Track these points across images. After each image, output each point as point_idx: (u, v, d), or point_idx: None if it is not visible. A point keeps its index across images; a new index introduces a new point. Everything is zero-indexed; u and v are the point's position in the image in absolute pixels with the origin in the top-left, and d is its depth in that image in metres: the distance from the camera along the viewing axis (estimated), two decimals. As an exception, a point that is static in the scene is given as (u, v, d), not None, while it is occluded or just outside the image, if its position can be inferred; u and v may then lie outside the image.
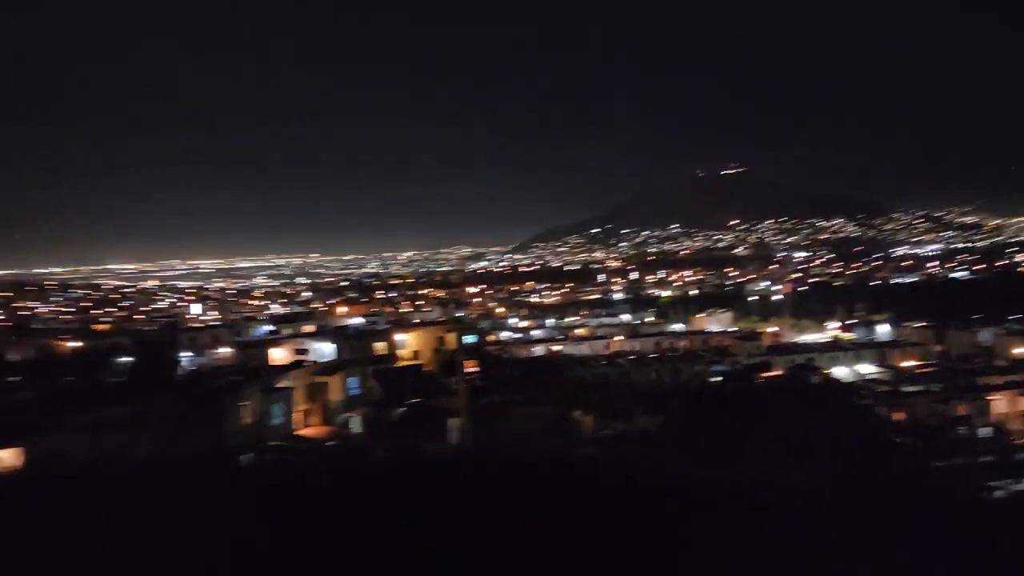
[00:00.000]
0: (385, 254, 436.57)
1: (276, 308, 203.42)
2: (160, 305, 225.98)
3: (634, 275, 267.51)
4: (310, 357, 48.35)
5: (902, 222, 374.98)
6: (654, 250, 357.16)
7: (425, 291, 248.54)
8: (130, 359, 57.29)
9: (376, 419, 35.88)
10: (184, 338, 63.64)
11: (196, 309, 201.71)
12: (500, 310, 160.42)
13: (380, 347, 50.71)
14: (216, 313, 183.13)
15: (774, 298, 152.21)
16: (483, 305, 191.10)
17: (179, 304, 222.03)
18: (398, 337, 52.34)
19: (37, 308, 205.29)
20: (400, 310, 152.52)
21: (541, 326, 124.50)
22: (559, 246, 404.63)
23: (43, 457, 20.77)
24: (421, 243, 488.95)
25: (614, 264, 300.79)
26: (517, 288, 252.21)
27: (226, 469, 21.70)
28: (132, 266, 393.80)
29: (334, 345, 50.36)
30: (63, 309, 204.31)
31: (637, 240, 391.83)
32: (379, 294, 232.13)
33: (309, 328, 67.58)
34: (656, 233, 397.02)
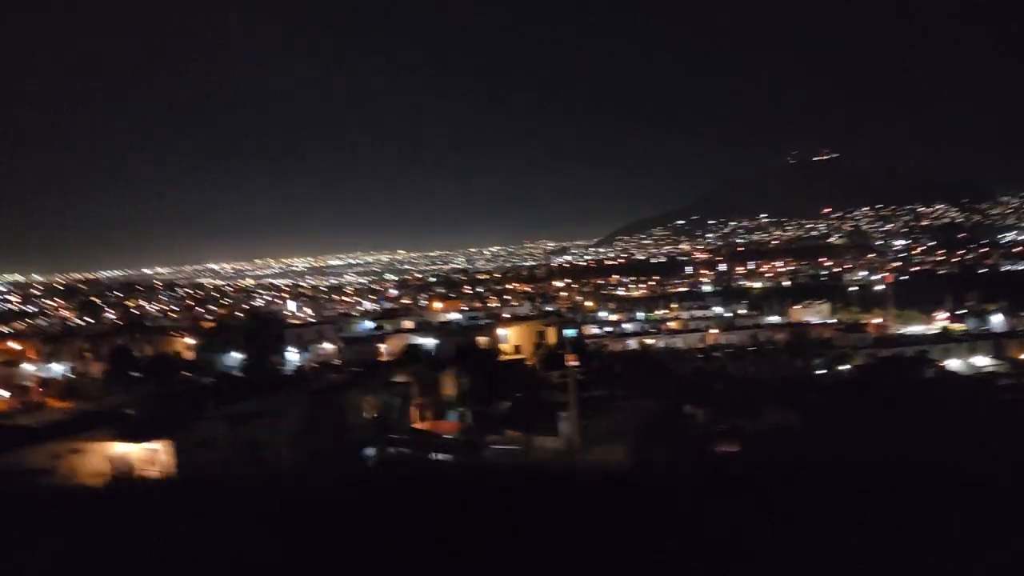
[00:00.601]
0: (470, 249, 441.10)
1: (367, 304, 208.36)
2: (257, 303, 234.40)
3: (723, 267, 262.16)
4: (415, 352, 49.36)
5: (1011, 206, 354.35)
6: (743, 241, 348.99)
7: (511, 286, 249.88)
8: (243, 355, 59.76)
9: (487, 413, 36.28)
10: (291, 334, 65.87)
11: (291, 306, 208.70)
12: (588, 304, 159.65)
13: (482, 342, 51.26)
14: (310, 310, 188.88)
15: (874, 288, 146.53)
16: (570, 299, 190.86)
17: (276, 301, 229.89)
18: (499, 332, 52.83)
19: (147, 307, 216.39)
20: (488, 305, 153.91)
21: (631, 319, 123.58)
22: (644, 238, 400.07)
23: (192, 448, 21.95)
24: (505, 238, 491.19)
25: (701, 256, 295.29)
26: (603, 281, 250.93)
27: (353, 462, 22.33)
28: (230, 265, 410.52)
29: (437, 340, 51.22)
30: (170, 308, 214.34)
31: (724, 231, 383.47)
32: (466, 289, 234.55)
33: (408, 323, 69.05)
34: (744, 223, 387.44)
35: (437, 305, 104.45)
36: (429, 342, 50.97)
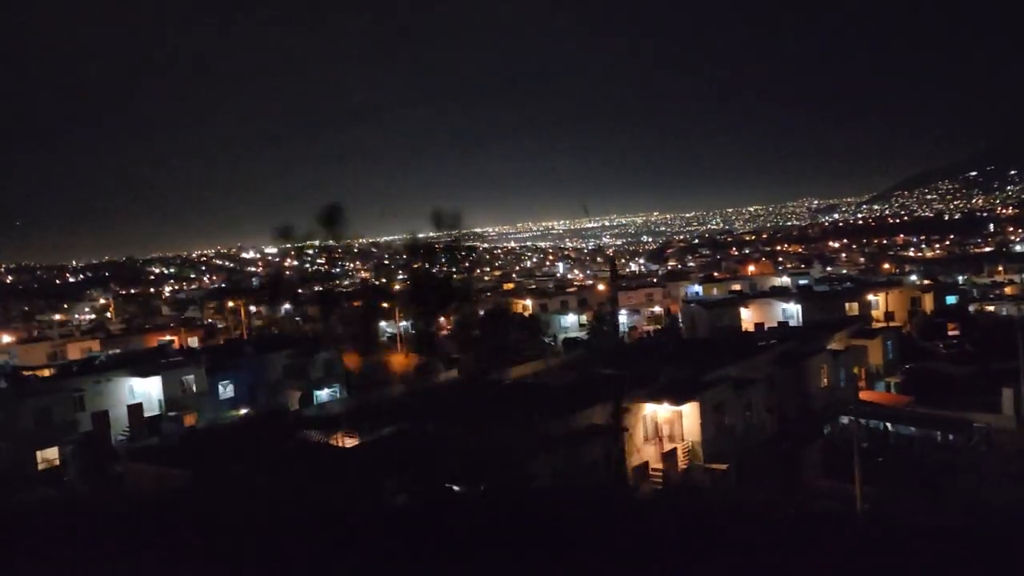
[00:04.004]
0: (727, 210, 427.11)
1: (632, 267, 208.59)
2: (527, 265, 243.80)
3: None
4: (777, 318, 47.95)
5: None
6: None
7: (780, 247, 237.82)
8: (579, 318, 61.86)
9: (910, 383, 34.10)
10: (622, 297, 67.04)
11: (560, 268, 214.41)
12: (885, 266, 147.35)
13: (850, 308, 48.63)
14: (578, 271, 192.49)
15: None
16: (851, 260, 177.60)
17: (544, 264, 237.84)
18: (870, 298, 49.74)
19: (427, 267, 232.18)
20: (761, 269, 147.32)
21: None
22: (927, 193, 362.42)
23: (712, 411, 22.55)
24: (764, 197, 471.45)
25: (1007, 212, 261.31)
26: (886, 241, 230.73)
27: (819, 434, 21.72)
28: (493, 229, 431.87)
29: (799, 306, 49.37)
30: (448, 269, 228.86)
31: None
32: (733, 251, 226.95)
33: (736, 287, 67.59)
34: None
35: (750, 268, 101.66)
36: (789, 307, 49.27)
